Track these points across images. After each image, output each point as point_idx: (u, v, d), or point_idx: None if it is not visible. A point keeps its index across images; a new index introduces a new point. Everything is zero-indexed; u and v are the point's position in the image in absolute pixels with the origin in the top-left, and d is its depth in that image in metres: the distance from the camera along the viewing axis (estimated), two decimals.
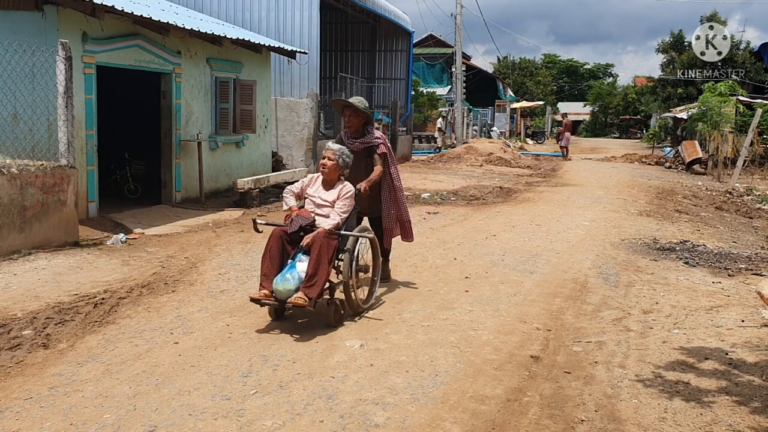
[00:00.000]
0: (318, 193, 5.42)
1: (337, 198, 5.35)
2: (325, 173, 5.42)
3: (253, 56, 13.28)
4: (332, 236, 5.09)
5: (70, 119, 7.74)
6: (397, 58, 24.54)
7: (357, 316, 5.25)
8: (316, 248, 4.90)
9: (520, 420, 3.58)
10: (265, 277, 4.92)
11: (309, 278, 4.80)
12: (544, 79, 64.78)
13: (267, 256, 5.01)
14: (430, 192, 14.18)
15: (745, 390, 4.02)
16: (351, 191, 5.39)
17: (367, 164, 5.95)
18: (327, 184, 5.44)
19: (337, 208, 5.28)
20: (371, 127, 6.08)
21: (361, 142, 5.98)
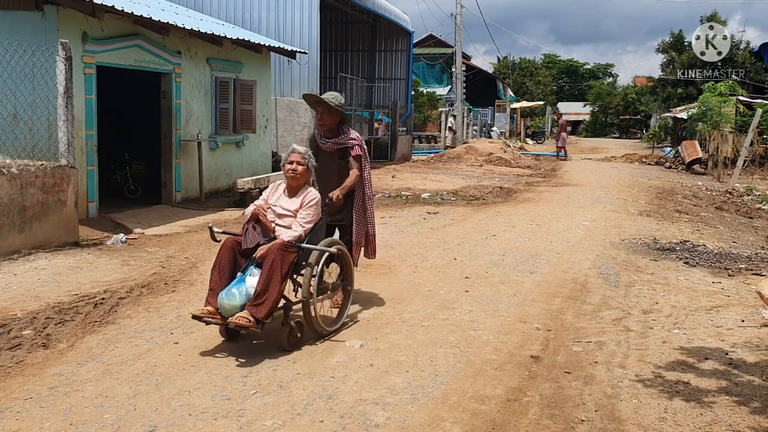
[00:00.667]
0: (280, 202, 4.89)
1: (300, 207, 4.81)
2: (294, 180, 4.87)
3: (253, 56, 13.28)
4: (289, 249, 4.54)
5: (70, 119, 7.75)
6: (397, 58, 24.54)
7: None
8: (269, 262, 4.38)
9: (520, 420, 3.58)
10: (212, 292, 4.44)
11: (257, 295, 4.27)
12: (544, 79, 64.79)
13: (216, 269, 4.52)
14: (430, 192, 14.18)
15: (745, 390, 4.02)
16: (316, 198, 4.85)
17: (340, 167, 5.42)
18: (291, 191, 4.91)
19: (300, 218, 4.76)
20: (346, 126, 5.55)
21: (334, 143, 5.42)
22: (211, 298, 4.42)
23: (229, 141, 12.65)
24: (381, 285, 6.33)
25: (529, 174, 20.12)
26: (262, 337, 4.60)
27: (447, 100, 35.72)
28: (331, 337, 4.78)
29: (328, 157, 5.44)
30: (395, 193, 13.85)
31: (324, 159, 5.42)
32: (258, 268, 4.45)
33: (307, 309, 4.56)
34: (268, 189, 5.10)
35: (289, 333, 4.49)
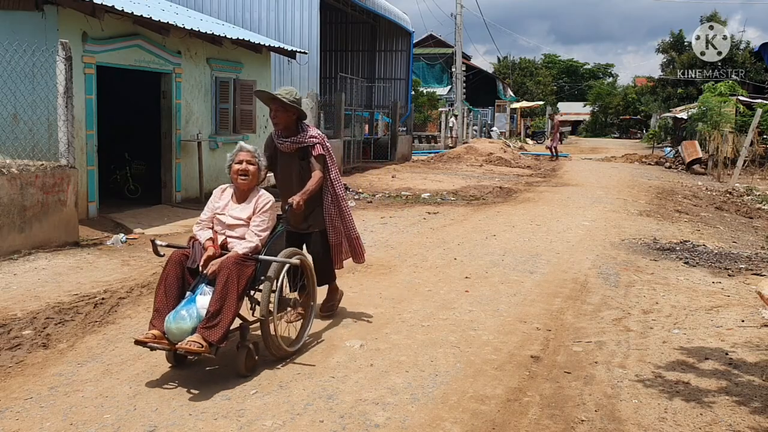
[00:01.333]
0: (228, 210, 4.35)
1: (252, 213, 4.30)
2: (244, 183, 4.33)
3: (253, 56, 13.28)
4: (245, 263, 4.05)
5: (70, 119, 7.75)
6: (397, 58, 24.55)
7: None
8: (222, 278, 3.89)
9: (520, 420, 3.58)
10: (157, 314, 3.93)
11: (210, 317, 3.80)
12: (544, 79, 64.81)
13: (161, 287, 4.01)
14: (430, 192, 14.18)
15: (745, 390, 4.02)
16: (270, 202, 4.36)
17: (302, 168, 4.94)
18: (240, 197, 4.37)
19: (254, 226, 4.26)
20: (305, 123, 5.05)
21: (292, 142, 4.90)
22: (157, 320, 3.90)
23: (230, 141, 12.64)
24: (381, 285, 6.33)
25: (529, 174, 20.12)
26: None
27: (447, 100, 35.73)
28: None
29: (288, 159, 4.97)
30: (395, 193, 13.85)
31: (283, 161, 4.99)
32: (210, 285, 3.97)
33: (265, 329, 4.06)
34: (212, 196, 4.46)
35: (247, 356, 4.00)
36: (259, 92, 5.04)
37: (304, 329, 4.62)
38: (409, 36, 24.37)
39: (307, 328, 4.64)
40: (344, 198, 5.18)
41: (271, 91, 5.02)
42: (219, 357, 3.94)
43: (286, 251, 4.39)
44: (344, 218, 5.16)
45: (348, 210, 5.21)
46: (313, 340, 4.72)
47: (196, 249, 4.18)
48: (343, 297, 5.86)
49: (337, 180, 5.13)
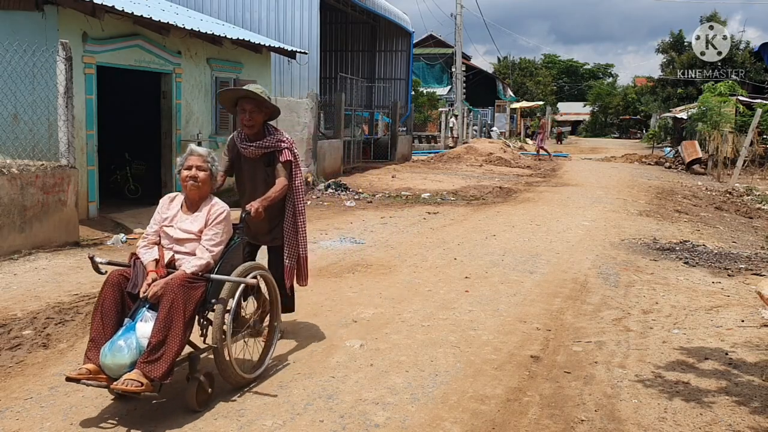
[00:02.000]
0: (177, 222, 3.82)
1: (204, 225, 3.77)
2: (194, 191, 3.80)
3: (253, 56, 13.28)
4: (194, 284, 3.55)
5: (71, 119, 7.75)
6: (397, 58, 24.54)
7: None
8: (166, 303, 3.40)
9: (520, 420, 3.59)
10: (93, 344, 3.42)
11: (152, 349, 3.31)
12: (544, 79, 64.82)
13: (97, 313, 3.50)
14: (430, 192, 14.18)
15: (745, 390, 4.03)
16: (224, 211, 3.82)
17: (267, 176, 4.45)
18: (191, 206, 3.84)
19: (206, 240, 3.73)
20: (272, 125, 4.58)
21: (258, 146, 4.41)
22: (92, 351, 3.39)
23: None
24: (381, 285, 6.33)
25: (528, 174, 20.12)
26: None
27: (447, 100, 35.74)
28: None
29: (252, 165, 4.49)
30: (395, 193, 13.85)
31: (247, 167, 4.52)
32: (152, 310, 3.46)
33: (219, 357, 3.59)
34: (159, 206, 3.94)
35: (198, 390, 3.50)
36: (225, 92, 4.52)
37: (268, 352, 4.12)
38: (409, 36, 24.37)
39: (271, 350, 4.14)
40: (302, 212, 4.62)
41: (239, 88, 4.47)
42: (166, 389, 3.42)
43: (244, 266, 3.87)
44: (298, 235, 4.61)
45: (304, 227, 4.63)
46: (314, 340, 4.72)
47: (137, 269, 3.66)
48: (344, 297, 5.89)
49: (300, 190, 4.58)
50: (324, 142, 16.65)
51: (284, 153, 4.45)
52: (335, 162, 17.10)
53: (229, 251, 3.87)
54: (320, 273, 6.75)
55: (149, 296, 3.48)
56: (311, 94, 15.79)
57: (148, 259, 3.70)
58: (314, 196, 13.04)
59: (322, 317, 5.26)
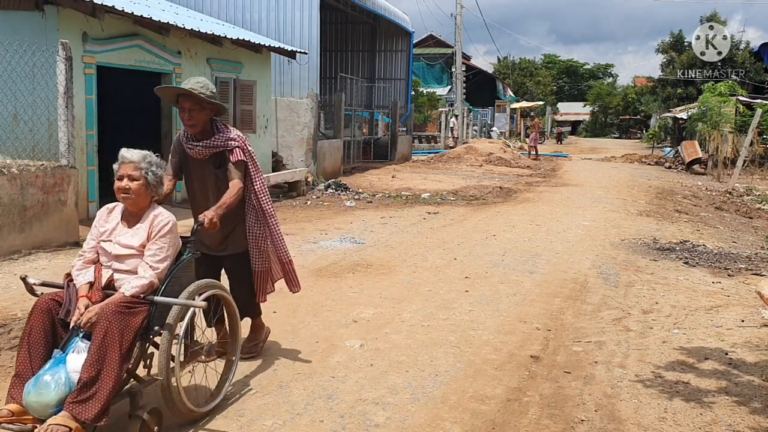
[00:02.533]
0: (117, 236, 3.38)
1: (147, 239, 3.35)
2: (129, 204, 3.38)
3: (253, 56, 13.29)
4: (133, 309, 3.11)
5: (71, 119, 7.75)
6: (397, 58, 24.54)
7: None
8: (100, 333, 2.96)
9: (520, 420, 3.59)
10: (18, 380, 3.01)
11: (83, 386, 2.87)
12: (544, 79, 64.84)
13: (24, 344, 3.11)
14: (430, 192, 14.19)
15: (745, 390, 4.03)
16: (169, 223, 3.39)
17: (218, 179, 4.05)
18: (131, 218, 3.41)
19: (148, 256, 3.30)
20: (222, 123, 4.12)
21: (205, 146, 3.97)
22: (16, 389, 2.98)
23: None
24: (381, 285, 6.33)
25: (528, 174, 20.13)
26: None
27: (447, 100, 35.75)
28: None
29: (200, 167, 4.06)
30: (395, 193, 13.86)
31: (195, 170, 4.10)
32: (87, 340, 3.04)
33: (166, 390, 3.15)
34: (97, 218, 3.50)
35: (141, 428, 3.08)
36: (163, 90, 4.08)
37: (226, 379, 3.69)
38: (409, 36, 24.37)
39: (230, 377, 3.71)
40: (272, 214, 4.21)
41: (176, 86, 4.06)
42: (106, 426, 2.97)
43: (196, 285, 3.44)
44: (275, 239, 4.23)
45: (278, 229, 4.25)
46: (314, 340, 4.72)
47: (71, 294, 3.22)
48: (344, 297, 5.87)
49: (264, 192, 4.17)
50: (324, 142, 16.65)
51: (235, 152, 4.01)
52: (335, 162, 17.10)
53: (178, 268, 3.42)
54: (320, 273, 6.75)
55: (82, 324, 3.04)
56: (311, 94, 15.78)
57: (81, 281, 3.27)
58: (314, 196, 13.04)
59: (322, 317, 5.26)
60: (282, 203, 12.01)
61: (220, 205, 3.79)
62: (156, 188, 3.42)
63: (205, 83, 3.94)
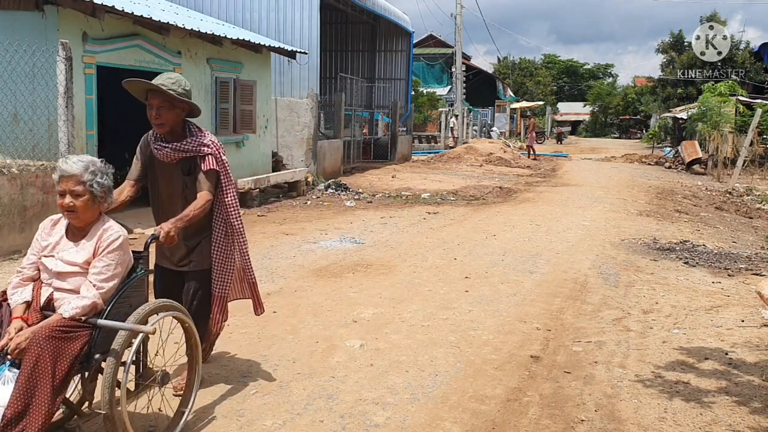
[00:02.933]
0: (59, 251, 3.05)
1: (93, 255, 3.01)
2: (75, 220, 3.06)
3: (253, 56, 13.28)
4: (70, 333, 2.75)
5: (71, 119, 7.75)
6: (397, 58, 24.55)
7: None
8: (29, 362, 2.63)
9: (520, 420, 3.59)
10: None
11: (8, 423, 2.57)
12: (544, 79, 64.85)
13: None
14: (430, 192, 14.18)
15: (745, 390, 4.03)
16: (119, 238, 3.08)
17: (186, 187, 3.66)
18: (77, 232, 3.09)
19: (93, 274, 2.95)
20: (193, 124, 3.80)
21: (175, 149, 3.62)
22: None
23: (230, 141, 12.64)
24: (381, 285, 6.33)
25: (528, 174, 20.13)
26: None
27: (447, 100, 35.75)
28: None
29: (168, 172, 3.69)
30: (395, 193, 13.86)
31: (162, 174, 3.72)
32: (16, 368, 2.69)
33: (111, 426, 2.79)
34: (39, 230, 3.19)
35: None
36: (131, 82, 3.68)
37: (184, 409, 3.30)
38: (409, 36, 24.37)
39: (189, 406, 3.32)
40: (242, 231, 3.82)
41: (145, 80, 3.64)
42: None
43: (147, 306, 3.05)
44: (242, 258, 3.88)
45: (246, 248, 3.87)
46: (314, 340, 4.72)
47: (3, 314, 2.90)
48: (344, 297, 5.87)
49: (235, 206, 3.77)
50: (324, 142, 16.65)
51: (207, 160, 3.63)
52: (335, 162, 17.10)
53: (127, 287, 3.06)
54: (320, 273, 6.75)
55: (10, 351, 2.68)
56: (311, 94, 15.78)
57: (16, 301, 2.91)
58: (314, 196, 13.04)
59: (322, 317, 5.26)
60: (282, 203, 12.01)
61: (181, 218, 3.42)
62: (105, 198, 3.08)
63: (177, 79, 3.64)
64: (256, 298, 4.02)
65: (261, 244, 8.15)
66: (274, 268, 6.86)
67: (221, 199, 3.72)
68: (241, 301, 4.13)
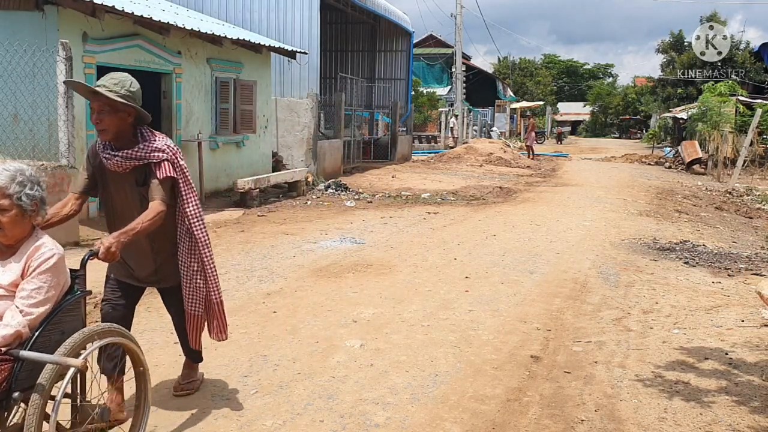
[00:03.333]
0: None
1: (22, 275, 2.68)
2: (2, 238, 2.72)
3: (254, 56, 13.29)
4: None
5: (71, 119, 7.75)
6: (397, 58, 24.55)
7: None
8: None
9: (520, 420, 3.59)
10: None
11: None
12: (544, 79, 64.88)
13: None
14: (430, 192, 14.18)
15: (745, 390, 4.03)
16: (52, 257, 2.75)
17: (143, 197, 3.34)
18: (5, 250, 2.76)
19: (22, 298, 2.61)
20: (148, 129, 3.39)
21: (125, 157, 3.27)
22: None
23: (230, 141, 12.65)
24: (381, 285, 6.33)
25: (528, 174, 20.12)
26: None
27: (447, 100, 35.75)
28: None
29: (120, 182, 3.37)
30: (395, 193, 13.86)
31: (114, 185, 3.41)
32: None
33: None
34: None
35: None
36: (72, 82, 3.52)
37: None
38: (409, 36, 24.37)
39: None
40: (207, 243, 3.48)
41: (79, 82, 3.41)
42: None
43: (81, 334, 2.64)
44: (207, 274, 3.50)
45: (212, 262, 3.51)
46: (313, 340, 4.72)
47: None
48: (344, 297, 5.87)
49: (197, 216, 3.42)
50: (324, 142, 16.65)
51: (162, 167, 3.29)
52: (335, 162, 17.11)
53: (60, 311, 2.70)
54: (320, 273, 6.75)
55: None
56: (311, 94, 15.79)
57: None
58: (314, 196, 13.04)
59: (322, 317, 5.26)
60: (282, 203, 12.01)
61: (126, 231, 3.08)
62: (36, 212, 2.77)
63: (121, 80, 3.24)
64: (220, 320, 3.61)
65: (261, 244, 8.15)
66: (274, 268, 6.87)
67: (182, 209, 3.40)
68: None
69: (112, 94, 3.17)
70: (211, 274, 3.51)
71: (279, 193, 12.89)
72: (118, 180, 3.36)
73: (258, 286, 6.14)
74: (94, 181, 3.47)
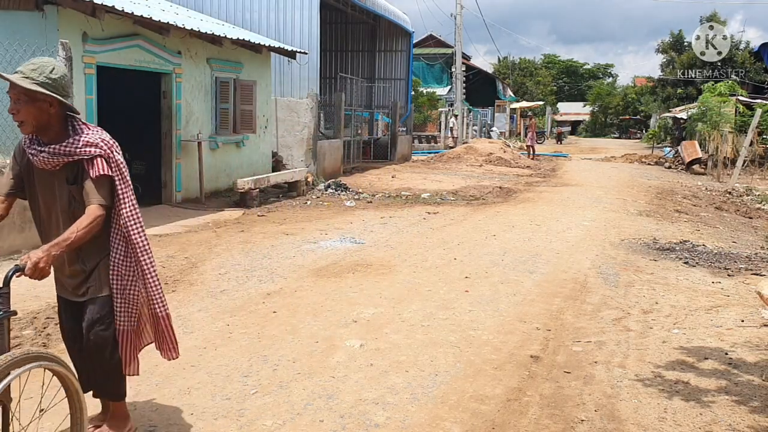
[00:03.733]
0: None
1: None
2: None
3: (254, 56, 13.29)
4: None
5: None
6: (397, 58, 24.55)
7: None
8: None
9: (520, 420, 3.59)
10: None
11: None
12: (544, 79, 64.85)
13: None
14: (430, 192, 14.19)
15: (745, 390, 4.03)
16: None
17: (74, 198, 2.96)
18: None
19: None
20: (79, 121, 3.00)
21: (53, 153, 2.88)
22: None
23: (230, 141, 12.65)
24: (381, 285, 6.33)
25: (528, 174, 20.13)
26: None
27: (447, 100, 35.75)
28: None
29: (49, 181, 2.98)
30: (395, 193, 13.86)
31: (42, 185, 3.01)
32: None
33: None
34: None
35: None
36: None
37: None
38: (409, 36, 24.37)
39: None
40: (146, 248, 3.06)
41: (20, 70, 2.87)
42: None
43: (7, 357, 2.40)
44: (148, 284, 3.07)
45: (153, 270, 3.08)
46: (313, 340, 4.72)
47: None
48: (343, 297, 5.87)
49: (134, 218, 3.03)
50: (324, 142, 16.66)
51: (95, 164, 2.91)
52: (335, 162, 17.11)
53: None
54: (320, 273, 6.75)
55: None
56: (311, 94, 15.79)
57: None
58: (314, 196, 13.04)
59: (322, 317, 5.26)
60: (282, 203, 12.01)
61: (58, 242, 2.72)
62: None
63: (40, 65, 2.85)
64: (168, 336, 3.16)
65: (261, 244, 8.15)
66: (274, 268, 6.87)
67: (117, 210, 2.99)
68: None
69: (27, 82, 2.78)
70: (153, 284, 3.06)
71: (279, 193, 12.89)
72: (47, 179, 2.96)
73: (258, 286, 6.14)
74: (20, 181, 3.04)
